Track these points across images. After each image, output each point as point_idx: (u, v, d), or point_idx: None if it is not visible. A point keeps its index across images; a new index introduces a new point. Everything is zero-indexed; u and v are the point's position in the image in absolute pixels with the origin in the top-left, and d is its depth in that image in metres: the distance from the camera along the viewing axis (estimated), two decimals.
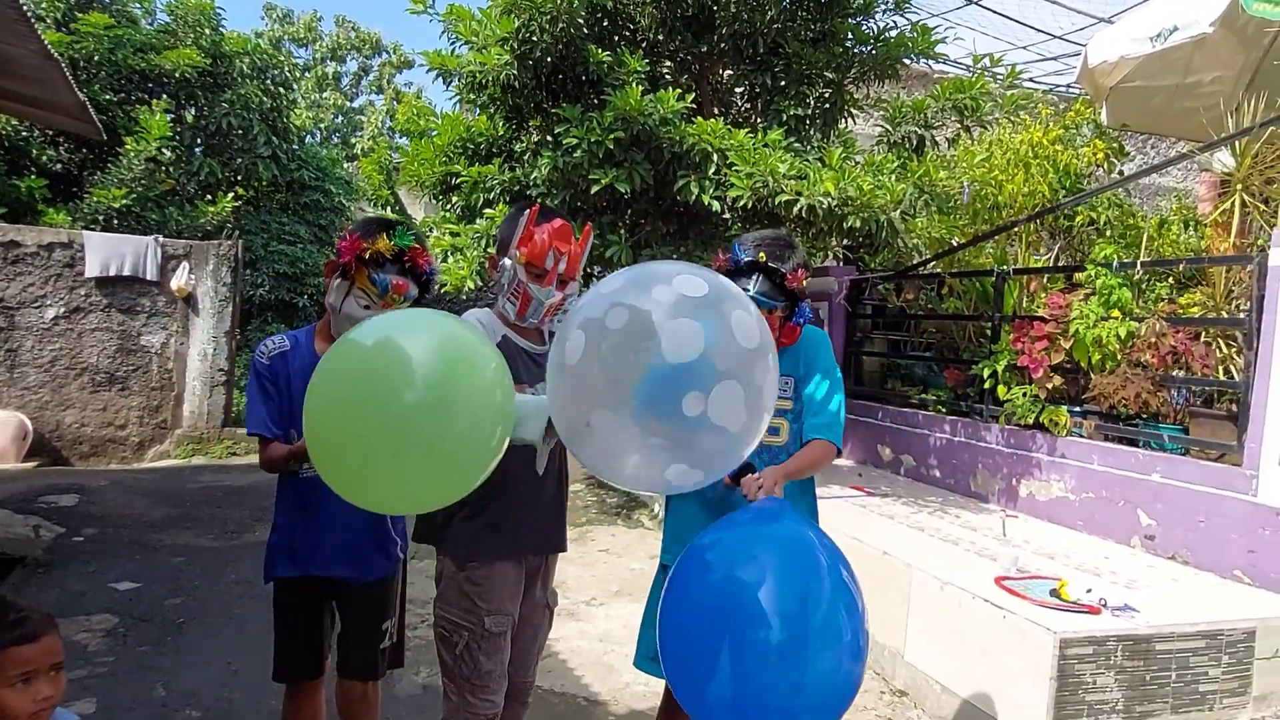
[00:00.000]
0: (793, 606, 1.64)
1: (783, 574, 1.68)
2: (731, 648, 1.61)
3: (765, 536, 1.78)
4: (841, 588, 1.70)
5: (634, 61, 4.37)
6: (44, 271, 7.21)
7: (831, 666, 1.63)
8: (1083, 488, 4.38)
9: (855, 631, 1.66)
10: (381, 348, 1.62)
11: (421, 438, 1.53)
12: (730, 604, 1.65)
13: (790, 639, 1.60)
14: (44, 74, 4.78)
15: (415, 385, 1.56)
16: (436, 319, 1.70)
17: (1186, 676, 2.95)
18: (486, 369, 1.64)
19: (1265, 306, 3.64)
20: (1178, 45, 4.74)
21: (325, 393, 1.60)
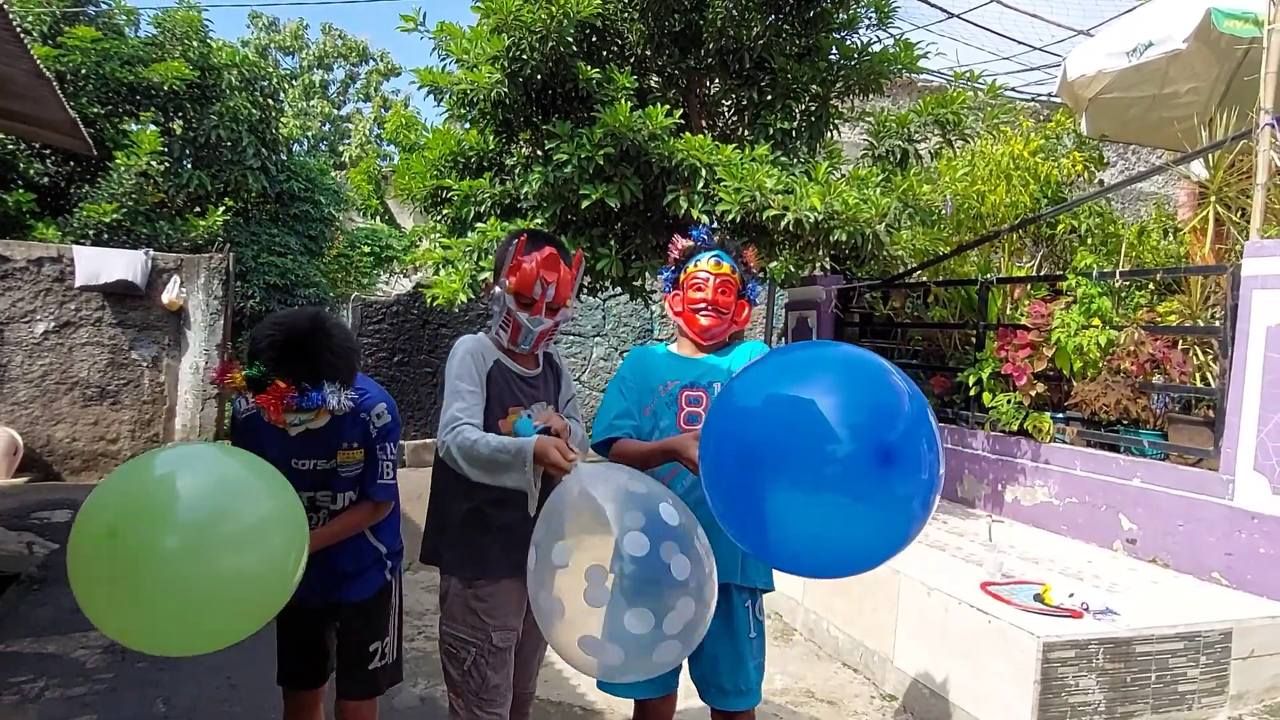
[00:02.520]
0: (863, 418, 1.45)
1: (855, 388, 1.50)
2: (792, 468, 1.43)
3: (830, 356, 1.65)
4: (922, 412, 1.51)
5: (623, 78, 4.44)
6: (34, 286, 7.20)
7: (905, 494, 1.45)
8: (1066, 493, 4.47)
9: (933, 469, 1.48)
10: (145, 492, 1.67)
11: (186, 582, 1.57)
12: (792, 418, 1.46)
13: (859, 452, 1.42)
14: (35, 91, 4.82)
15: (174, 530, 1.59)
16: (212, 460, 1.79)
17: (1166, 677, 3.03)
18: (257, 502, 1.70)
19: (1239, 315, 3.74)
20: (1153, 59, 4.86)
21: (89, 534, 1.61)
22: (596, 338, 10.14)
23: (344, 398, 1.97)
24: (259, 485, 1.77)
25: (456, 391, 2.04)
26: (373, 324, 9.30)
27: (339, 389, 1.95)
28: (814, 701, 3.47)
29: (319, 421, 2.01)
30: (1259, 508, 3.55)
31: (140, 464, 1.76)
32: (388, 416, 2.19)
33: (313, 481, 2.16)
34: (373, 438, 2.17)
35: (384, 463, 2.19)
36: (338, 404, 1.95)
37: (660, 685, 2.20)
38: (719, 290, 2.21)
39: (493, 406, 2.09)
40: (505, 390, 2.13)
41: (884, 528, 1.49)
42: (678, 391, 2.23)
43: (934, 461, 1.49)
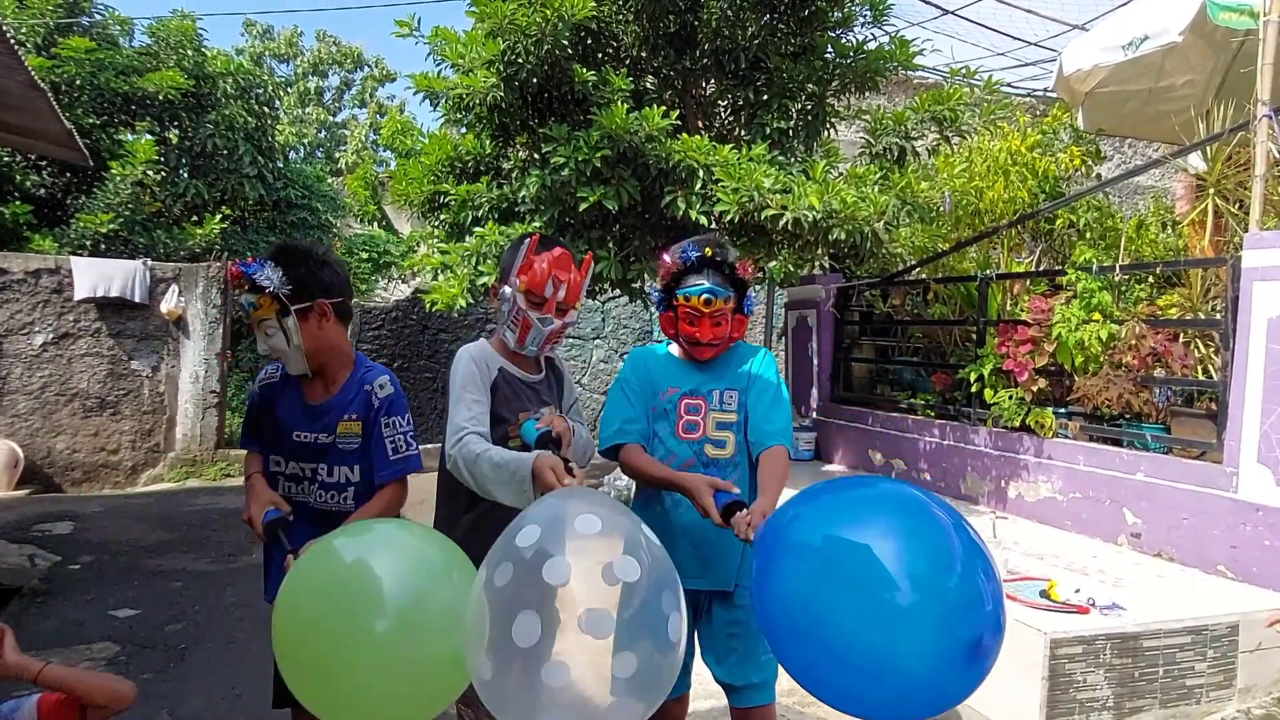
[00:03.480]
0: (923, 569, 1.40)
1: (905, 533, 1.46)
2: (855, 616, 1.39)
3: (871, 498, 1.61)
4: (975, 548, 1.46)
5: (618, 80, 4.44)
6: (32, 298, 7.19)
7: (970, 636, 1.40)
8: (1069, 488, 4.47)
9: (997, 601, 1.43)
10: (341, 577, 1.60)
11: (397, 665, 1.51)
12: (848, 568, 1.43)
13: (924, 603, 1.37)
14: (30, 103, 4.82)
15: (385, 614, 1.54)
16: (396, 540, 1.70)
17: (1174, 672, 3.02)
18: (447, 583, 1.61)
19: (1239, 307, 3.73)
20: (1149, 52, 4.86)
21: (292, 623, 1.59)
22: (596, 340, 10.14)
23: (279, 279, 2.05)
24: (449, 566, 1.68)
25: (462, 400, 2.03)
26: (372, 330, 9.29)
27: (277, 270, 2.06)
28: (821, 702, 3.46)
29: (267, 316, 2.06)
30: (1263, 500, 3.54)
31: (331, 550, 1.69)
32: (390, 388, 2.17)
33: (310, 453, 2.16)
34: (375, 408, 2.15)
35: (391, 439, 2.14)
36: (270, 281, 2.04)
37: (681, 685, 2.21)
38: (713, 324, 2.17)
39: (500, 413, 2.09)
40: (511, 397, 2.13)
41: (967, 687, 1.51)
42: (677, 399, 2.22)
43: (998, 604, 1.45)
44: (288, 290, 2.09)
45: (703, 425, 2.20)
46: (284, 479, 2.21)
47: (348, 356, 2.24)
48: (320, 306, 2.14)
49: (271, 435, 2.22)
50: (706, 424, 2.20)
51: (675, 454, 2.19)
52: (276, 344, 2.11)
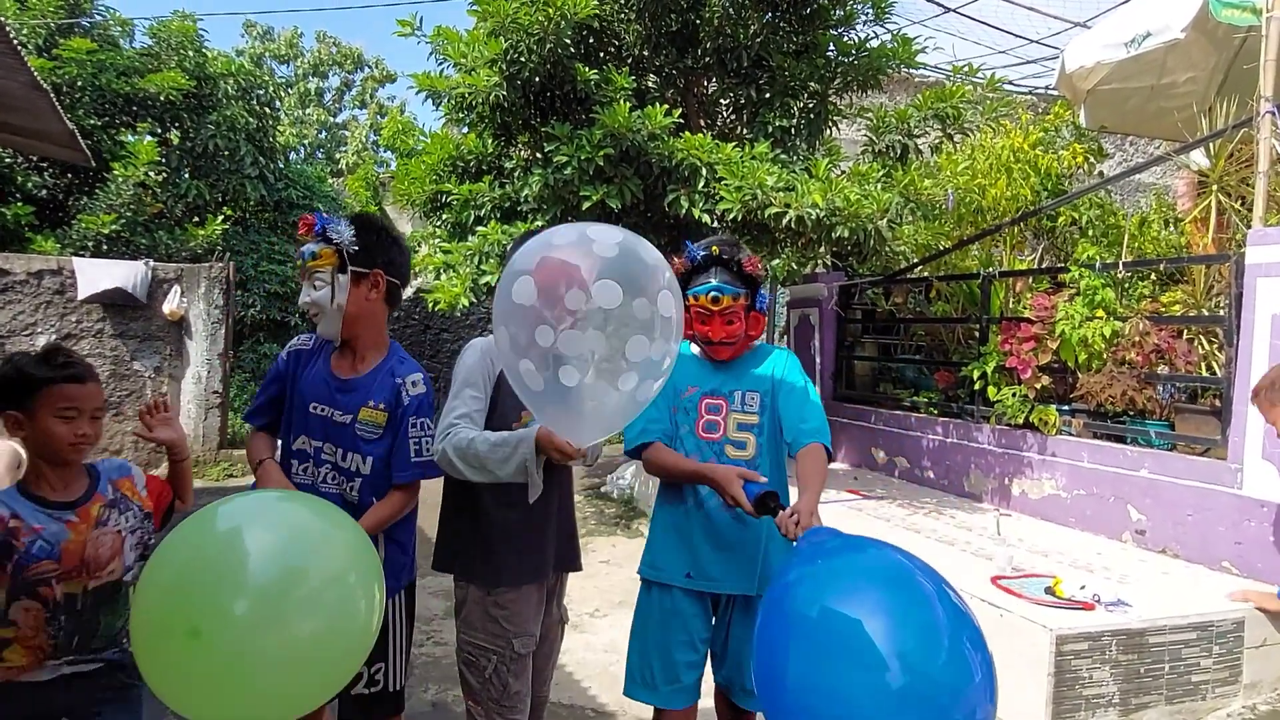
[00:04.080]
0: (911, 645, 1.43)
1: (893, 607, 1.49)
2: (849, 697, 1.41)
3: (859, 569, 1.63)
4: (961, 617, 1.49)
5: (621, 79, 4.44)
6: (34, 299, 7.19)
7: (965, 713, 1.40)
8: (1073, 485, 4.46)
9: (985, 669, 1.45)
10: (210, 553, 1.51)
11: (264, 651, 1.43)
12: (839, 648, 1.46)
13: (914, 682, 1.39)
14: (32, 104, 4.81)
15: (244, 595, 1.44)
16: (284, 513, 1.63)
17: (1179, 668, 3.02)
18: (326, 555, 1.55)
19: (1243, 303, 3.73)
20: (1151, 49, 4.86)
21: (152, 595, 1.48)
22: None
23: (349, 236, 2.05)
24: (330, 534, 1.61)
25: (458, 395, 2.02)
26: None
27: (350, 229, 2.07)
28: None
29: (323, 267, 2.04)
30: (1268, 496, 3.53)
31: (201, 522, 1.59)
32: (423, 387, 2.12)
33: (323, 430, 2.09)
34: (404, 405, 2.09)
35: (415, 439, 2.08)
36: (340, 235, 2.05)
37: (684, 696, 2.18)
38: (724, 322, 2.16)
39: (505, 410, 2.07)
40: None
41: None
42: (698, 398, 2.20)
43: (986, 661, 1.47)
44: (354, 249, 2.06)
45: (723, 425, 2.18)
46: (293, 457, 2.14)
47: (383, 339, 2.20)
48: (376, 277, 2.11)
49: (286, 406, 2.16)
50: (727, 424, 2.18)
51: (695, 455, 2.17)
52: (321, 298, 2.06)
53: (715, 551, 2.15)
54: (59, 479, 1.81)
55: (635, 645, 2.24)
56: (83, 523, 1.79)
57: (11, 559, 1.68)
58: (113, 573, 1.82)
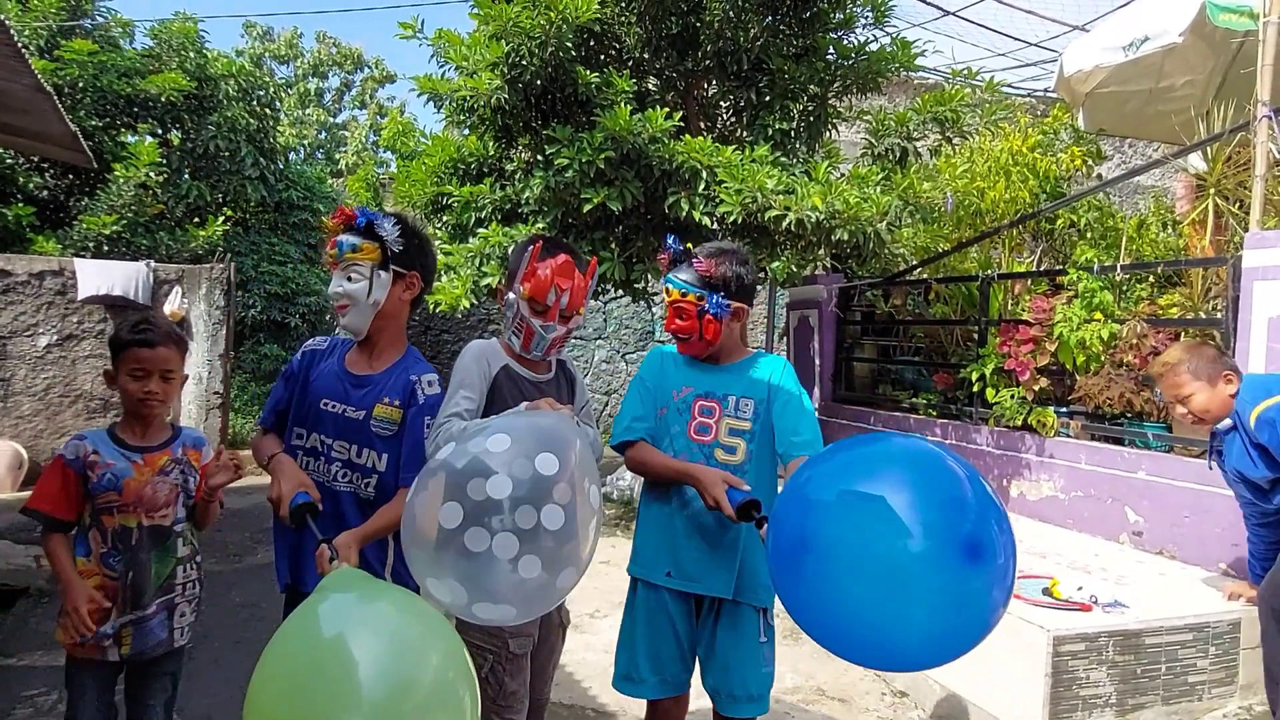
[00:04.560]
0: (936, 516, 1.42)
1: (921, 480, 1.47)
2: (866, 562, 1.41)
3: (888, 451, 1.59)
4: (989, 501, 1.47)
5: (622, 82, 4.46)
6: (36, 300, 7.21)
7: (982, 586, 1.41)
8: (1071, 486, 4.49)
9: (1009, 554, 1.44)
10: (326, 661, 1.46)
11: None
12: (857, 513, 1.45)
13: (934, 549, 1.39)
14: (36, 106, 4.83)
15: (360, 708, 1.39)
16: (383, 620, 1.56)
17: (1176, 669, 3.04)
18: (432, 660, 1.50)
19: (1240, 306, 3.76)
20: (1149, 53, 4.88)
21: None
22: (598, 340, 10.16)
23: (396, 234, 2.06)
24: (427, 636, 1.57)
25: (452, 396, 2.03)
26: None
27: (396, 227, 2.07)
28: (825, 699, 3.48)
29: (363, 261, 2.04)
30: None
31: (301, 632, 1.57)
32: (438, 388, 2.12)
33: (335, 427, 2.09)
34: (418, 403, 2.08)
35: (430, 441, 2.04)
36: (387, 232, 2.05)
37: (672, 686, 2.21)
38: (675, 316, 2.20)
39: (498, 410, 2.09)
40: (514, 395, 2.12)
41: (971, 620, 1.48)
42: (691, 399, 2.22)
43: (1009, 545, 1.47)
44: (398, 248, 2.07)
45: (715, 429, 2.20)
46: (302, 453, 2.13)
47: (402, 340, 2.21)
48: (412, 278, 2.14)
49: (298, 404, 2.17)
50: (719, 429, 2.20)
51: (685, 456, 2.19)
52: (356, 290, 2.06)
53: (695, 551, 2.17)
54: (139, 428, 2.14)
55: (622, 640, 2.28)
56: (147, 467, 2.11)
57: (87, 485, 2.06)
58: (165, 517, 2.12)
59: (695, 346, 2.23)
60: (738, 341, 2.33)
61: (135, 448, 2.12)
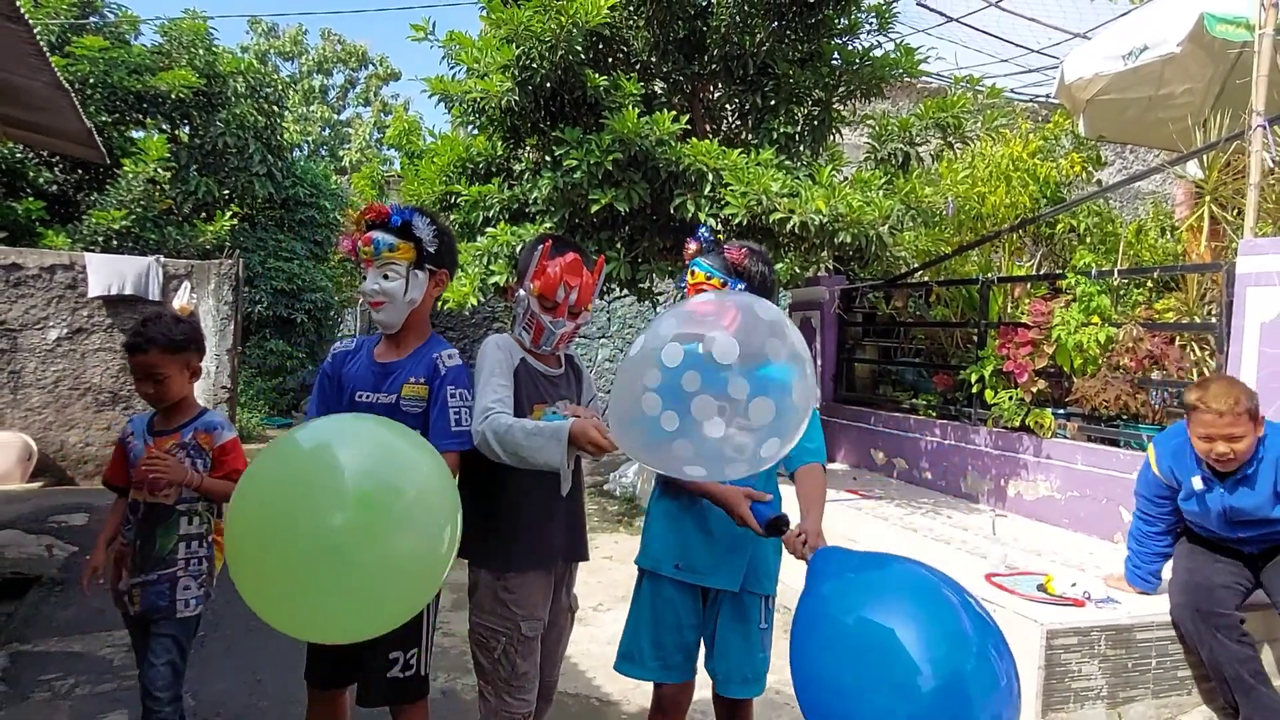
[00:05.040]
0: (941, 650, 1.52)
1: (924, 617, 1.59)
2: (884, 700, 1.50)
3: (889, 581, 1.72)
4: (986, 626, 1.60)
5: (630, 85, 4.54)
6: (46, 293, 7.29)
7: (991, 715, 1.50)
8: (1067, 487, 4.57)
9: (1011, 675, 1.55)
10: (307, 464, 1.58)
11: (356, 563, 1.47)
12: (874, 656, 1.54)
13: (944, 684, 1.48)
14: (54, 103, 4.92)
15: (345, 506, 1.49)
16: (368, 431, 1.70)
17: (1165, 663, 3.13)
18: (419, 478, 1.60)
19: (1233, 311, 3.84)
20: (1148, 62, 4.96)
21: (245, 517, 1.55)
22: (602, 339, 10.24)
23: (431, 234, 2.15)
24: (416, 455, 1.68)
25: (488, 384, 2.12)
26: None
27: (431, 227, 2.15)
28: None
29: (399, 260, 2.12)
30: None
31: (292, 443, 1.68)
32: (458, 360, 2.21)
33: (370, 413, 2.16)
34: (441, 374, 2.16)
35: (455, 409, 2.13)
36: (424, 233, 2.13)
37: (674, 674, 2.30)
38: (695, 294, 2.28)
39: (520, 401, 2.18)
40: (530, 387, 2.22)
41: None
42: None
43: (1010, 667, 1.57)
44: (434, 248, 2.16)
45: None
46: None
47: (426, 329, 2.31)
48: (442, 276, 2.23)
49: (334, 402, 2.26)
50: None
51: None
52: (393, 289, 2.13)
53: (705, 548, 2.26)
54: (162, 416, 2.42)
55: (629, 625, 2.37)
56: (156, 450, 2.34)
57: (129, 460, 2.39)
58: (167, 496, 2.35)
59: None
60: None
61: (156, 431, 2.40)
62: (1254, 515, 2.94)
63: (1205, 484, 3.01)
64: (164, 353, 2.30)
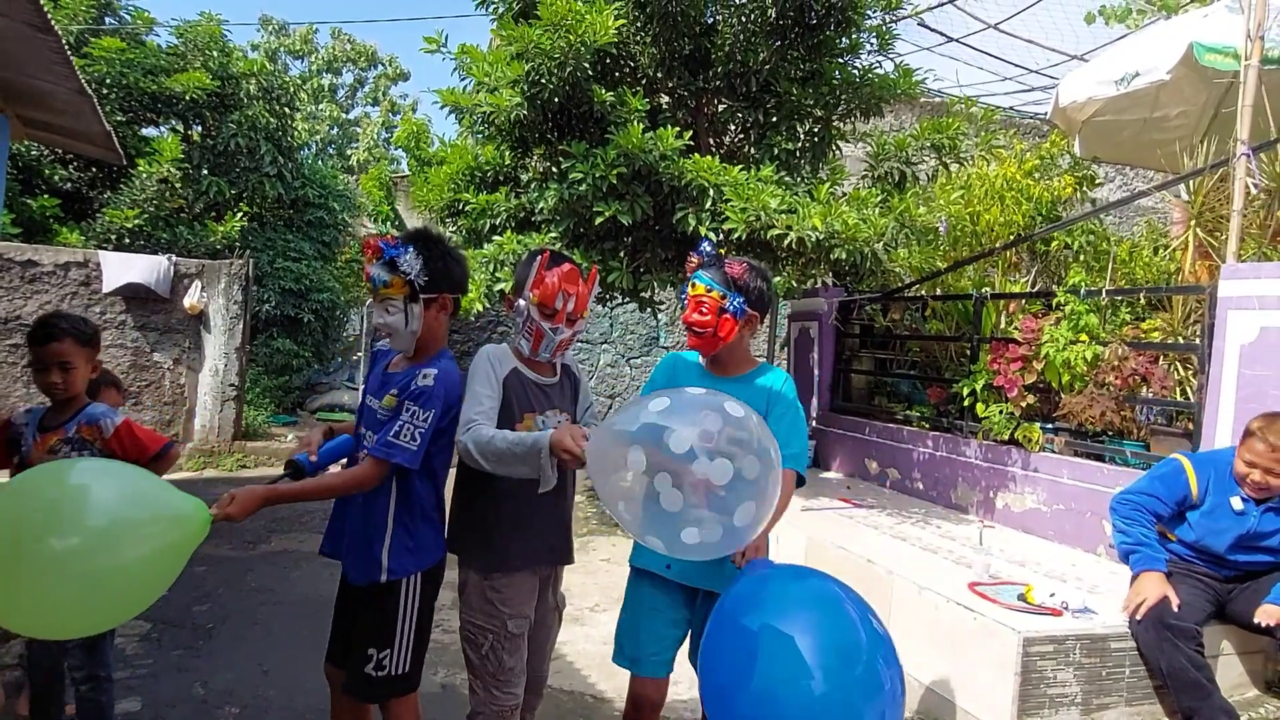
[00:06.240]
0: (833, 660, 1.71)
1: (821, 628, 1.77)
2: (777, 705, 1.68)
3: (795, 594, 1.89)
4: (878, 638, 1.78)
5: (635, 101, 4.68)
6: (60, 290, 7.44)
7: (875, 715, 1.69)
8: (1053, 500, 4.69)
9: (895, 680, 1.75)
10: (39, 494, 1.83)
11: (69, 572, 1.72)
12: (772, 660, 1.73)
13: (834, 691, 1.67)
14: (76, 106, 5.07)
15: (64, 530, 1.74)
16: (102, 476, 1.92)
17: (1139, 671, 3.24)
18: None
19: (1214, 333, 3.96)
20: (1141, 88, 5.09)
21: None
22: (604, 345, 10.37)
23: (419, 267, 2.20)
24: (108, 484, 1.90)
25: (474, 395, 2.25)
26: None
27: (419, 258, 2.20)
28: None
29: (395, 296, 2.21)
30: None
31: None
32: (431, 381, 2.19)
33: (368, 421, 2.31)
34: (409, 391, 2.19)
35: (400, 424, 2.16)
36: (411, 268, 2.19)
37: (658, 668, 2.44)
38: (695, 309, 2.40)
39: (511, 410, 2.30)
40: (521, 396, 2.34)
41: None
42: None
43: (896, 674, 1.78)
44: (424, 280, 2.22)
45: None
46: (362, 443, 2.33)
47: (438, 346, 2.36)
48: (444, 299, 2.29)
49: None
50: None
51: None
52: (395, 323, 2.22)
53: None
54: (55, 411, 2.49)
55: (622, 622, 2.52)
56: (39, 446, 2.45)
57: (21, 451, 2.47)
58: None
59: (707, 341, 2.42)
60: (747, 352, 2.54)
61: (44, 427, 2.49)
62: (1270, 541, 3.23)
63: (1244, 504, 3.25)
64: (76, 344, 2.42)
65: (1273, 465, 3.11)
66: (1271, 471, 3.12)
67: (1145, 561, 3.29)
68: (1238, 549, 3.27)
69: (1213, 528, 3.29)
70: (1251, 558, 3.28)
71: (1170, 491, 3.37)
